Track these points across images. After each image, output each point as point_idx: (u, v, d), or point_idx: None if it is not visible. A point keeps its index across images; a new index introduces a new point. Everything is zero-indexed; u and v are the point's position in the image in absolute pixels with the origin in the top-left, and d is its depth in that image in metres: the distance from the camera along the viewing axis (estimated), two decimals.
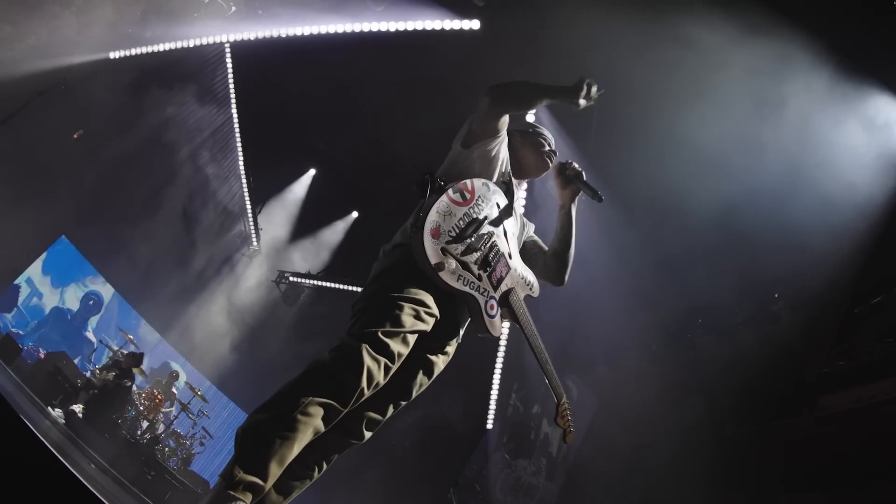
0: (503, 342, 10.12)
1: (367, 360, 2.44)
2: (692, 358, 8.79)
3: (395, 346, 2.54)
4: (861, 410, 6.38)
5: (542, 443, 10.53)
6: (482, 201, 2.89)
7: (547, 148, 3.44)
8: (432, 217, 2.66)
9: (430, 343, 2.82)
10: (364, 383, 2.43)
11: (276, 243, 14.06)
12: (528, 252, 3.43)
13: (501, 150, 3.15)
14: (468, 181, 2.88)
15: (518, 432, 10.25)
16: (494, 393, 10.64)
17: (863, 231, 6.57)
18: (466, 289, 2.71)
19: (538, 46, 8.15)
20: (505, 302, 2.91)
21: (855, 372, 6.59)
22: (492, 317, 2.80)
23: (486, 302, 2.79)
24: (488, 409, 10.79)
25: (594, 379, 10.12)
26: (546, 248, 3.49)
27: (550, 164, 3.42)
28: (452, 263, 2.67)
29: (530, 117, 8.05)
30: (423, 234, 2.62)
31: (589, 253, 8.57)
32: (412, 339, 2.63)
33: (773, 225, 7.11)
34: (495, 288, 2.85)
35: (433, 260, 2.60)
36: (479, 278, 2.77)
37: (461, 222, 2.75)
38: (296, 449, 2.31)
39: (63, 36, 9.47)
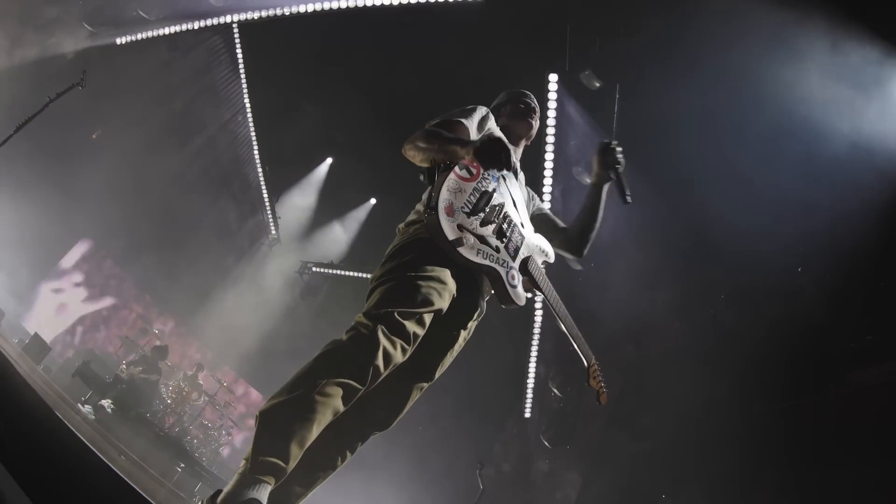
0: (537, 329, 10.12)
1: (383, 341, 2.43)
2: (716, 334, 8.72)
3: (411, 326, 2.53)
4: (889, 385, 6.30)
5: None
6: (488, 174, 2.89)
7: (522, 106, 3.50)
8: (444, 195, 2.67)
9: (448, 320, 2.80)
10: (380, 363, 2.42)
11: (295, 233, 14.11)
12: (543, 226, 3.42)
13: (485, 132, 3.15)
14: None
15: (557, 419, 10.21)
16: (531, 382, 10.67)
17: (888, 203, 6.46)
18: (487, 262, 2.71)
19: (544, 16, 8.10)
20: (524, 270, 2.93)
21: (882, 347, 6.51)
22: (514, 287, 2.82)
23: (508, 273, 2.80)
24: (525, 397, 10.84)
25: (619, 358, 10.08)
26: (561, 224, 3.48)
27: (532, 121, 3.47)
28: (470, 238, 2.67)
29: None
30: (437, 214, 2.62)
31: (606, 229, 8.53)
32: (428, 318, 2.62)
33: (797, 198, 7.02)
34: (514, 257, 2.86)
35: (451, 237, 2.61)
36: (497, 250, 2.78)
37: (472, 197, 2.75)
38: (315, 430, 2.30)
39: (67, 22, 9.51)
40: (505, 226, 2.85)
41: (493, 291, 2.91)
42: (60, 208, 10.20)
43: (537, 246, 3.09)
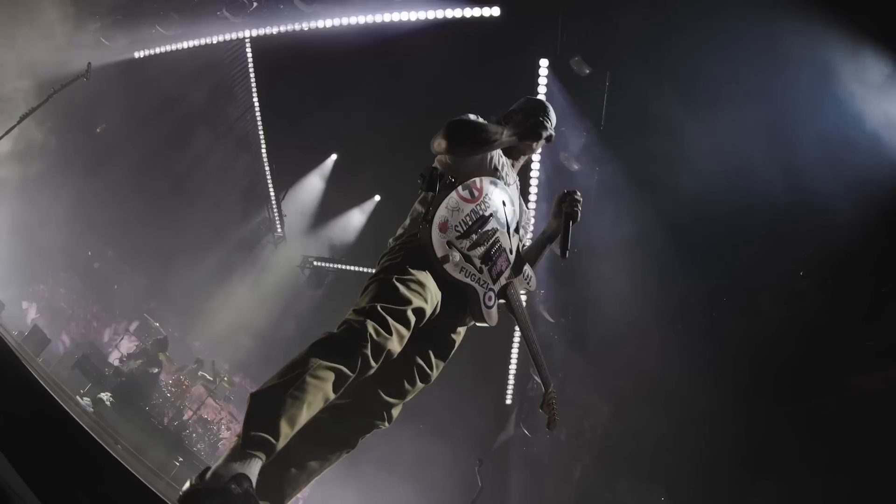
0: None
1: (372, 333, 2.53)
2: (717, 337, 8.71)
3: (395, 322, 2.62)
4: (890, 392, 6.28)
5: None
6: (489, 199, 3.03)
7: (539, 126, 3.33)
8: (441, 212, 2.83)
9: (440, 324, 2.95)
10: (369, 353, 2.51)
11: (299, 229, 14.12)
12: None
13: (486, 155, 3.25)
14: (477, 179, 3.01)
15: (537, 407, 10.30)
16: (513, 368, 10.87)
17: (891, 209, 6.45)
18: (468, 280, 2.89)
19: (558, 31, 8.11)
20: (503, 294, 3.09)
21: (883, 352, 6.49)
22: (489, 307, 2.98)
23: (485, 293, 2.96)
24: (507, 385, 11.05)
25: (620, 360, 10.08)
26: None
27: (541, 136, 3.34)
28: (457, 256, 2.84)
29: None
30: (431, 228, 2.79)
31: (607, 230, 8.54)
32: (413, 316, 2.71)
33: (801, 201, 7.01)
34: (494, 281, 3.02)
35: (439, 253, 2.78)
36: (481, 271, 2.95)
37: (468, 218, 2.91)
38: (305, 411, 2.36)
39: (86, 38, 9.61)
40: (493, 251, 3.01)
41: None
42: (65, 200, 10.21)
43: (522, 273, 3.24)
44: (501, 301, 3.10)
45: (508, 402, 11.16)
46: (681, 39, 7.00)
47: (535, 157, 8.52)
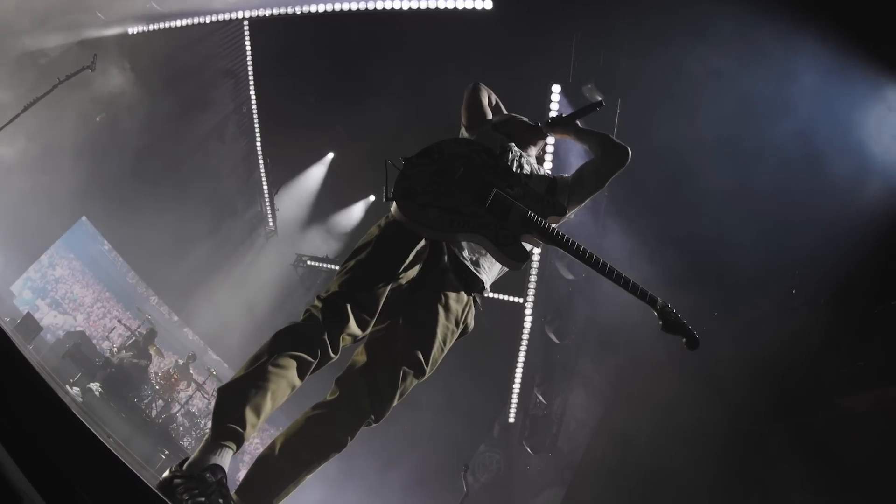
0: (525, 336, 10.13)
1: (329, 319, 2.60)
2: (707, 352, 8.71)
3: (354, 306, 2.65)
4: (880, 413, 6.30)
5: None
6: (457, 157, 2.93)
7: (531, 123, 3.53)
8: (399, 182, 2.78)
9: (417, 297, 2.89)
10: (326, 338, 2.57)
11: (293, 226, 14.07)
12: (581, 182, 3.30)
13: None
14: (434, 144, 2.97)
15: (540, 426, 10.26)
16: (517, 386, 10.73)
17: (885, 228, 6.50)
18: (464, 231, 2.73)
19: (551, 24, 8.14)
20: (523, 227, 2.80)
21: (874, 373, 6.51)
22: (508, 244, 2.74)
23: (495, 234, 2.73)
24: (510, 401, 10.93)
25: (611, 371, 10.10)
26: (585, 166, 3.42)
27: (543, 130, 3.50)
28: (433, 212, 2.70)
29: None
30: (395, 199, 2.74)
31: (603, 242, 8.57)
32: (378, 296, 2.72)
33: (794, 219, 7.06)
34: (501, 218, 2.79)
35: (411, 216, 2.71)
36: (475, 215, 2.76)
37: (435, 178, 2.82)
38: (270, 399, 2.43)
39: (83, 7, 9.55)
40: (482, 194, 2.81)
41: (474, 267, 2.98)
42: (58, 190, 10.17)
43: (537, 202, 2.93)
44: (526, 235, 2.81)
45: (511, 420, 11.09)
46: (691, 69, 7.06)
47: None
